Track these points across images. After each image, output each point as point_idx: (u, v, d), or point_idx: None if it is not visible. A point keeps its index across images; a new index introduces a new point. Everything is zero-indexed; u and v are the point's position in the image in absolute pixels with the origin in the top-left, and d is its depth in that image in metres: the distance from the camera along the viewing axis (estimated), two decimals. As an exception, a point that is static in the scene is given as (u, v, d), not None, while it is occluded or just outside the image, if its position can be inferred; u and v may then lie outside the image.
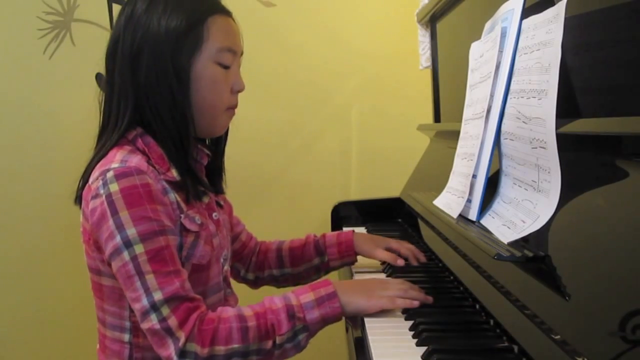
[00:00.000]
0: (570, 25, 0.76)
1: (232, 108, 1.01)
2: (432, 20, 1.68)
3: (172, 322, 0.83)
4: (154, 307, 0.83)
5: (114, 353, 0.95)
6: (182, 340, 0.82)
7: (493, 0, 1.02)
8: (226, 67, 0.98)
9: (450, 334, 0.86)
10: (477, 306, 0.94)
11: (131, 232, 0.85)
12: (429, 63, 1.73)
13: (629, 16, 0.72)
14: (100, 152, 0.95)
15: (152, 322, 0.83)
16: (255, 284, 1.24)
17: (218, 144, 1.08)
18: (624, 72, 0.74)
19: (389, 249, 1.18)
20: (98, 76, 2.01)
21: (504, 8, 0.98)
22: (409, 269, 1.17)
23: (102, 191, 0.87)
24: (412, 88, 1.99)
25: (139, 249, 0.85)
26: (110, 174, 0.88)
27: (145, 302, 0.84)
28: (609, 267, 0.63)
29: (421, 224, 1.36)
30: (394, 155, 2.02)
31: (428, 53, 1.73)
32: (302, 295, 0.90)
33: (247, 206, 2.04)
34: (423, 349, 0.80)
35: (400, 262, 1.13)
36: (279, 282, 1.22)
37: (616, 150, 0.71)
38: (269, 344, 0.86)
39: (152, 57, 0.92)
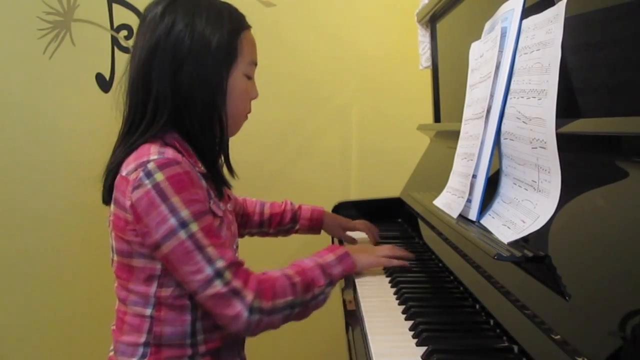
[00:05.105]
0: (570, 25, 0.76)
1: (248, 114, 1.12)
2: (432, 20, 1.68)
3: (236, 284, 0.94)
4: (218, 273, 0.93)
5: (133, 328, 1.01)
6: (250, 297, 0.94)
7: (493, 0, 1.02)
8: (250, 78, 1.08)
9: (450, 334, 0.86)
10: (477, 306, 0.94)
11: (185, 213, 0.93)
12: (429, 63, 1.73)
13: (629, 16, 0.72)
14: (131, 147, 1.00)
15: (218, 287, 0.93)
16: None
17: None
18: (624, 72, 0.74)
19: (348, 229, 1.44)
20: (98, 76, 2.02)
21: (504, 8, 0.98)
22: (409, 269, 1.17)
23: (146, 181, 0.94)
24: (412, 88, 1.99)
25: (194, 227, 0.94)
26: (152, 165, 0.94)
27: (209, 270, 0.93)
28: (609, 267, 0.63)
29: (421, 224, 1.36)
30: (394, 155, 2.02)
31: (428, 53, 1.73)
32: (325, 256, 1.08)
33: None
34: (423, 349, 0.80)
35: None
36: (252, 235, 1.42)
37: (616, 150, 0.71)
38: (310, 295, 1.01)
39: (196, 69, 1.00)
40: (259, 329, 0.97)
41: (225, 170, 1.11)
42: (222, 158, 1.09)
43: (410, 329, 0.88)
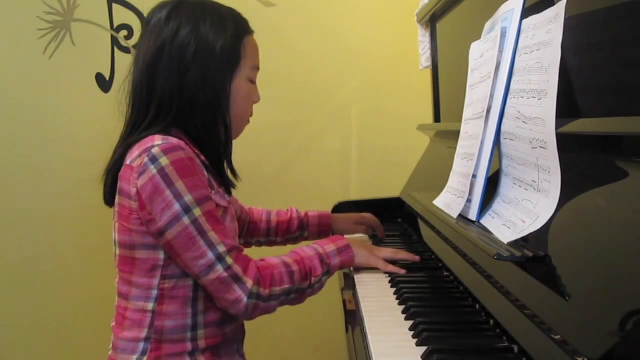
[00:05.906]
0: (570, 25, 0.76)
1: (250, 117, 1.13)
2: (432, 20, 1.68)
3: (237, 269, 0.97)
4: (220, 258, 0.96)
5: (134, 323, 1.01)
6: (250, 284, 0.97)
7: (493, 0, 1.02)
8: (253, 83, 1.10)
9: (450, 334, 0.86)
10: (477, 306, 0.94)
11: (188, 198, 0.95)
12: (429, 63, 1.73)
13: (629, 16, 0.72)
14: (132, 141, 1.01)
15: (220, 271, 0.96)
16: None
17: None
18: (624, 72, 0.74)
19: (359, 223, 1.44)
20: (98, 76, 2.02)
21: (504, 8, 0.98)
22: (409, 269, 1.17)
23: (152, 166, 0.95)
24: (412, 88, 1.99)
25: (197, 212, 0.96)
26: (156, 150, 0.96)
27: (211, 255, 0.96)
28: (609, 267, 0.63)
29: (421, 224, 1.36)
30: (394, 155, 2.02)
31: (428, 53, 1.73)
32: (326, 246, 1.11)
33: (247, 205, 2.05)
34: (423, 349, 0.80)
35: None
36: (261, 245, 1.42)
37: (616, 150, 0.71)
38: (307, 284, 1.05)
39: (201, 73, 1.01)
40: (256, 314, 1.01)
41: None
42: (226, 161, 1.10)
43: (410, 329, 0.88)
